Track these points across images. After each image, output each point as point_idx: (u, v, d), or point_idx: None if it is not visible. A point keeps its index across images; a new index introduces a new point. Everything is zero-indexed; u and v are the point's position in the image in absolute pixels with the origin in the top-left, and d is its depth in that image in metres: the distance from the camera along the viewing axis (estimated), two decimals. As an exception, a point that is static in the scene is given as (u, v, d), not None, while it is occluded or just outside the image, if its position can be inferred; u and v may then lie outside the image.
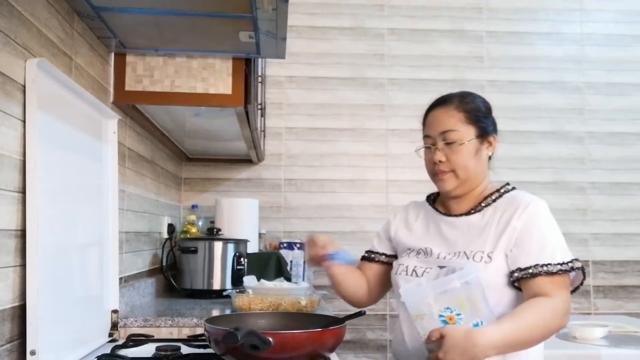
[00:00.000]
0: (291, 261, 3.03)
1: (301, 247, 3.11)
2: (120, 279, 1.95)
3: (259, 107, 2.69)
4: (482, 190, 1.52)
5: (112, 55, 1.95)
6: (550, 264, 1.36)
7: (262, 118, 3.06)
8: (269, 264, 2.85)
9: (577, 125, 3.67)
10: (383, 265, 1.65)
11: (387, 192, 3.47)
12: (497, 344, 1.25)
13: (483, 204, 1.49)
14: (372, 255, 1.67)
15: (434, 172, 1.51)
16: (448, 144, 1.47)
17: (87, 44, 1.72)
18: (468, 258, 1.42)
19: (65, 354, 1.41)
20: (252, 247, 2.95)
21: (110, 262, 1.77)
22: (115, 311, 1.78)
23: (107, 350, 1.56)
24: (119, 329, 1.79)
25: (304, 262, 3.10)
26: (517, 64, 3.68)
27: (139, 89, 1.98)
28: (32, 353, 1.21)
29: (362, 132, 3.54)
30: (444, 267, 1.42)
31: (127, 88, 1.97)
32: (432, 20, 3.65)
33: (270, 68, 3.46)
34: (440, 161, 1.48)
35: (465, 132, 1.48)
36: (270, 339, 1.24)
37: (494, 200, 1.50)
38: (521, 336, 1.29)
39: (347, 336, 1.46)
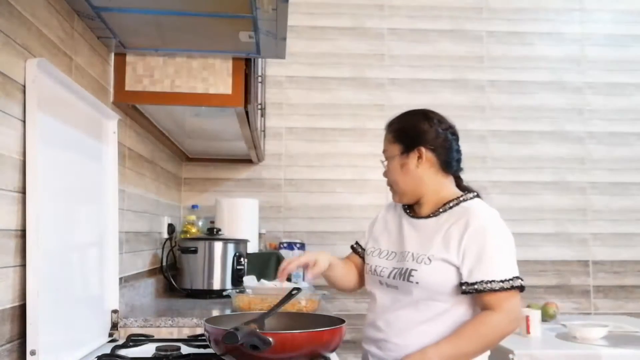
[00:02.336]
0: (291, 261, 3.02)
1: (301, 247, 3.10)
2: (120, 279, 1.95)
3: (259, 107, 2.69)
4: (440, 197, 1.61)
5: (112, 55, 1.95)
6: (494, 281, 1.46)
7: (262, 118, 3.06)
8: (269, 264, 2.85)
9: (577, 125, 3.67)
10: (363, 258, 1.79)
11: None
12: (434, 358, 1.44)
13: (441, 210, 1.59)
14: (356, 247, 1.82)
15: None
16: (383, 162, 1.68)
17: (87, 44, 1.72)
18: (413, 259, 1.55)
19: (65, 354, 1.41)
20: (252, 247, 2.95)
21: (110, 262, 1.77)
22: (115, 311, 1.78)
23: (107, 350, 1.56)
24: (119, 329, 1.79)
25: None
26: (517, 64, 3.67)
27: (139, 89, 1.98)
28: (32, 353, 1.21)
29: (362, 132, 3.54)
30: (397, 268, 1.57)
31: (127, 88, 1.97)
32: (432, 20, 3.65)
33: (270, 68, 3.46)
34: (385, 177, 1.69)
35: (391, 151, 1.64)
36: (270, 339, 1.24)
37: (451, 207, 1.58)
38: (458, 350, 1.46)
39: (347, 336, 1.46)
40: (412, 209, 1.68)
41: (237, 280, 2.57)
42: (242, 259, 2.60)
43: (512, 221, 3.55)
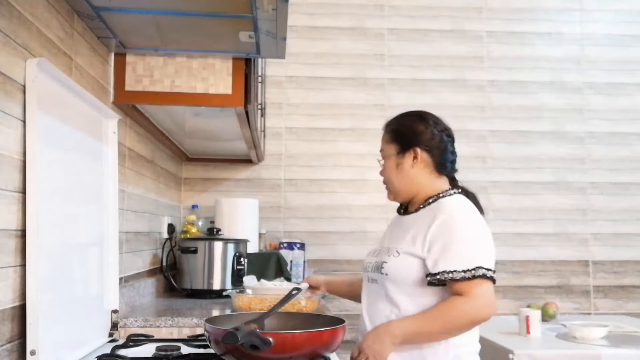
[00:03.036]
0: (291, 261, 3.02)
1: (301, 247, 3.10)
2: (120, 279, 1.95)
3: (259, 107, 2.69)
4: (425, 195, 1.64)
5: (112, 55, 1.95)
6: (455, 271, 1.47)
7: (262, 118, 3.06)
8: (269, 264, 2.85)
9: (577, 125, 3.67)
10: None
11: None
12: (397, 333, 1.48)
13: (421, 206, 1.64)
14: None
15: None
16: (380, 161, 1.72)
17: (87, 44, 1.72)
18: (387, 252, 1.61)
19: (65, 354, 1.41)
20: (252, 247, 2.95)
21: (110, 262, 1.77)
22: (115, 311, 1.78)
23: (107, 350, 1.56)
24: (119, 329, 1.79)
25: (304, 262, 3.10)
26: (517, 64, 3.67)
27: (139, 89, 1.97)
28: (32, 353, 1.21)
29: (362, 132, 3.54)
30: (376, 261, 1.64)
31: (127, 88, 1.97)
32: (432, 20, 3.65)
33: (270, 68, 3.46)
34: (381, 175, 1.73)
35: (388, 150, 1.69)
36: (270, 339, 1.24)
37: (429, 203, 1.62)
38: (421, 328, 1.49)
39: (347, 336, 1.46)
40: (405, 208, 1.74)
41: (237, 280, 2.57)
42: (242, 259, 2.60)
43: (512, 221, 3.61)
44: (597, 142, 3.67)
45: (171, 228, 2.72)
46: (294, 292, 1.55)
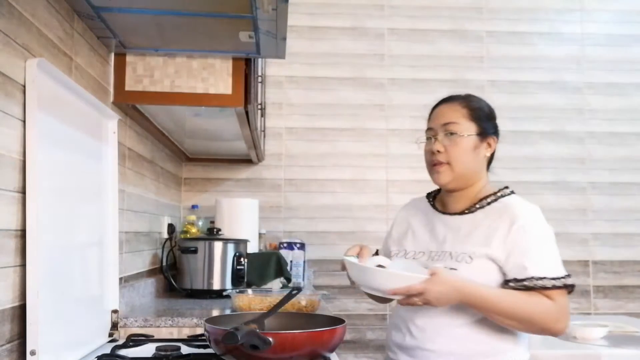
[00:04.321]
0: (291, 261, 3.02)
1: (301, 247, 3.10)
2: (120, 279, 1.95)
3: (259, 107, 2.69)
4: (478, 191, 1.56)
5: (112, 55, 1.95)
6: (545, 278, 1.42)
7: (262, 118, 3.06)
8: (269, 264, 2.85)
9: (577, 125, 3.67)
10: None
11: (387, 192, 3.47)
12: (467, 298, 1.38)
13: (477, 206, 1.54)
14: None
15: (432, 163, 1.55)
16: (450, 135, 1.53)
17: (87, 44, 1.72)
18: (452, 258, 1.48)
19: (65, 354, 1.41)
20: (252, 247, 2.95)
21: (110, 262, 1.77)
22: (115, 311, 1.78)
23: (107, 350, 1.56)
24: (119, 329, 1.79)
25: (304, 262, 3.10)
26: (517, 64, 3.67)
27: (139, 89, 1.97)
28: (32, 353, 1.21)
29: (362, 132, 3.54)
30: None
31: (127, 88, 1.97)
32: (432, 20, 3.65)
33: (270, 68, 3.46)
34: (438, 151, 1.53)
35: (467, 127, 1.54)
36: (270, 339, 1.24)
37: (489, 204, 1.53)
38: (497, 307, 1.38)
39: (347, 336, 1.46)
40: (441, 205, 1.62)
41: (237, 280, 2.57)
42: (242, 259, 2.60)
43: (512, 221, 3.58)
44: (597, 142, 3.67)
45: (171, 228, 2.72)
46: (293, 292, 1.55)
